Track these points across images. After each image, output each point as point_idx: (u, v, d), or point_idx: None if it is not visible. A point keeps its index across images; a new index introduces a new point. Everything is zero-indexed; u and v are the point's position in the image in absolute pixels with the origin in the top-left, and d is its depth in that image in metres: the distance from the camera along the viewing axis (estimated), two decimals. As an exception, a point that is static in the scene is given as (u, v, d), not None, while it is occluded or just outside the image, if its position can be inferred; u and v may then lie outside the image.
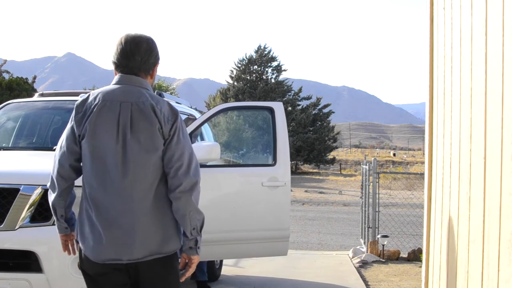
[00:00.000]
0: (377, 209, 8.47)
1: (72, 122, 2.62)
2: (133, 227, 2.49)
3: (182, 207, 2.53)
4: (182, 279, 2.67)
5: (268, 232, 4.96)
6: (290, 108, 40.66)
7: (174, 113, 2.60)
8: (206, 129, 6.12)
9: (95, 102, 2.58)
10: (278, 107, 5.39)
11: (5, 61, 28.52)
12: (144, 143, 2.52)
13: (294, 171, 38.47)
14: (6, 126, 5.62)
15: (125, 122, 2.53)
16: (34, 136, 5.52)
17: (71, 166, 2.62)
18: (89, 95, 2.66)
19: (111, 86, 2.65)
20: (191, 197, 2.54)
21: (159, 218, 2.54)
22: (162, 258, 2.56)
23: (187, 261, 2.63)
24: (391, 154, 69.28)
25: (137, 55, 2.62)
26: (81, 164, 2.62)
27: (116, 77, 2.66)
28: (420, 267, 6.27)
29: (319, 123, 42.22)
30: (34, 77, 27.74)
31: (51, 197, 2.66)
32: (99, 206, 2.52)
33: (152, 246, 2.52)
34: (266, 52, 43.10)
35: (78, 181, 2.65)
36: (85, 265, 2.61)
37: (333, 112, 44.21)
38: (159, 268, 2.58)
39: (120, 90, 2.60)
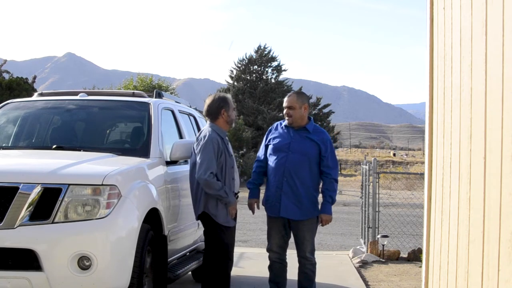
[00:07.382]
0: (377, 209, 8.47)
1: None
2: None
3: None
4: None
5: None
6: (290, 108, 40.62)
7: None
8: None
9: None
10: None
11: (5, 61, 28.46)
12: None
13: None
14: (5, 126, 5.61)
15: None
16: (33, 136, 5.52)
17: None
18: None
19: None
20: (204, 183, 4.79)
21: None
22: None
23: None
24: (391, 154, 69.27)
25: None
26: None
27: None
28: (420, 267, 6.27)
29: (319, 123, 42.16)
30: (34, 77, 27.71)
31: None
32: None
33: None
34: (266, 52, 43.07)
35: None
36: None
37: (333, 112, 44.21)
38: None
39: None
